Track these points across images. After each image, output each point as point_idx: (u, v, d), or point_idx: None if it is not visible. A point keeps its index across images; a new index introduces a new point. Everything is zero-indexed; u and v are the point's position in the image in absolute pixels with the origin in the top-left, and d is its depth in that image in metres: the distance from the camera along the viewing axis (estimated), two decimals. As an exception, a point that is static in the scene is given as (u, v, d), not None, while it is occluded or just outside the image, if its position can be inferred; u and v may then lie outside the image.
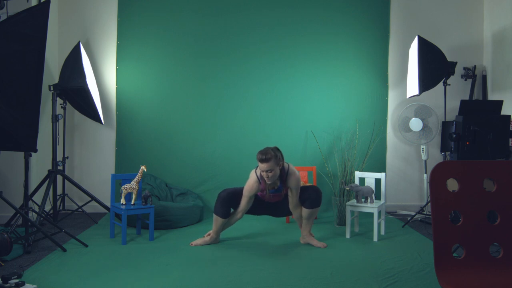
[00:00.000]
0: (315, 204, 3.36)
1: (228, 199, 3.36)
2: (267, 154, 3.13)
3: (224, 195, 3.37)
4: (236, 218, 3.45)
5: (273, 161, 3.15)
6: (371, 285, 2.59)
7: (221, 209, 3.36)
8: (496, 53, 4.68)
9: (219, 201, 3.37)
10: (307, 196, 3.37)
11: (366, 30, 4.85)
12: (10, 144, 2.99)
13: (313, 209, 3.36)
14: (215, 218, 3.40)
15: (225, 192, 3.39)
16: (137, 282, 2.61)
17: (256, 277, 2.70)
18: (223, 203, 3.35)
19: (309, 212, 3.37)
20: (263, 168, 3.14)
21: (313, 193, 3.37)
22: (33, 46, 2.86)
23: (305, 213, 3.39)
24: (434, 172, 1.77)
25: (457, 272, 1.72)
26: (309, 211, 3.36)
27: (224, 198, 3.35)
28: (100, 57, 4.75)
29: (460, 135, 3.77)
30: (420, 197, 4.89)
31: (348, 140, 4.75)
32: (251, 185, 3.30)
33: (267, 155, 3.13)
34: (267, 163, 3.13)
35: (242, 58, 4.78)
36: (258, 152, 3.19)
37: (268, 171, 3.15)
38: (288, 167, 3.31)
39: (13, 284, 2.34)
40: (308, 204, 3.35)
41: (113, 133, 4.77)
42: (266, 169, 3.14)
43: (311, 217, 3.41)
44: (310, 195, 3.36)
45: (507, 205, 1.78)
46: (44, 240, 3.37)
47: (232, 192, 3.39)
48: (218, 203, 3.37)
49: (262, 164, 3.14)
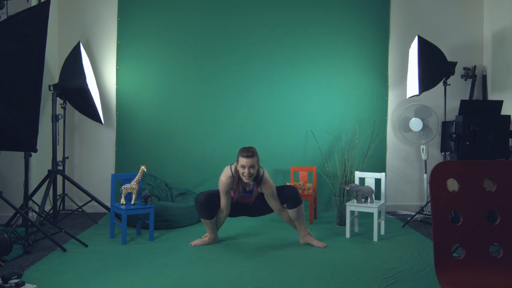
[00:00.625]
0: (297, 203, 3.37)
1: (206, 201, 3.34)
2: (252, 151, 3.19)
3: (201, 198, 3.35)
4: (223, 215, 3.44)
5: (256, 158, 3.21)
6: (371, 285, 2.59)
7: (203, 212, 3.35)
8: (496, 53, 4.68)
9: (198, 205, 3.36)
10: (286, 197, 3.38)
11: (366, 30, 4.85)
12: (10, 144, 2.99)
13: (296, 207, 3.37)
14: (203, 221, 3.41)
15: (201, 195, 3.37)
16: (137, 282, 2.61)
17: (256, 277, 2.70)
18: (202, 206, 3.34)
19: (295, 211, 3.38)
20: (246, 163, 3.15)
21: (290, 192, 3.37)
22: (33, 46, 2.86)
23: (292, 214, 3.39)
24: (434, 172, 1.77)
25: (457, 272, 1.72)
26: (294, 210, 3.37)
27: (202, 201, 3.34)
28: (100, 57, 4.75)
29: (460, 135, 3.77)
30: (420, 197, 4.89)
31: (348, 140, 4.75)
32: (224, 180, 3.27)
33: (251, 151, 3.19)
34: (251, 158, 3.16)
35: (242, 58, 4.78)
36: (242, 149, 3.22)
37: (250, 168, 3.16)
38: (264, 172, 3.31)
39: (13, 284, 2.34)
40: (291, 204, 3.36)
41: (113, 133, 4.77)
42: (249, 165, 3.15)
43: (299, 216, 3.41)
44: (288, 196, 3.37)
45: (507, 205, 1.78)
46: (44, 240, 3.37)
47: (208, 194, 3.38)
48: (198, 207, 3.36)
49: (246, 159, 3.15)
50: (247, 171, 3.16)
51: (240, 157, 3.19)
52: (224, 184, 3.28)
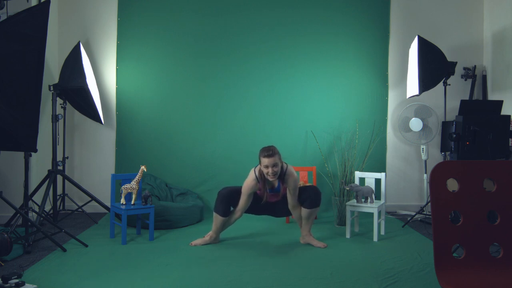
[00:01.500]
0: (315, 204, 3.36)
1: (228, 196, 3.37)
2: (272, 150, 3.21)
3: (224, 193, 3.38)
4: (235, 217, 3.45)
5: (277, 156, 3.22)
6: (371, 285, 2.59)
7: (221, 206, 3.36)
8: (496, 53, 4.68)
9: (219, 199, 3.38)
10: (307, 196, 3.37)
11: (366, 30, 4.85)
12: (10, 144, 2.99)
13: (313, 209, 3.37)
14: (215, 217, 3.40)
15: (225, 190, 3.40)
16: (137, 282, 2.61)
17: (256, 277, 2.70)
18: (223, 200, 3.36)
19: (309, 212, 3.37)
20: (269, 163, 3.16)
21: (312, 193, 3.37)
22: (33, 46, 2.86)
23: (305, 213, 3.39)
24: (434, 172, 1.77)
25: (457, 272, 1.72)
26: (309, 211, 3.37)
27: (224, 195, 3.36)
28: (100, 57, 4.75)
29: (460, 135, 3.77)
30: (420, 197, 4.89)
31: (348, 140, 4.75)
32: (249, 183, 3.31)
33: (272, 150, 3.20)
34: (272, 157, 3.17)
35: (242, 58, 4.78)
36: (262, 149, 3.24)
37: (273, 166, 3.17)
38: (287, 167, 3.33)
39: (13, 284, 2.34)
40: (308, 204, 3.36)
41: (113, 133, 4.77)
42: (272, 164, 3.16)
43: (310, 217, 3.41)
44: (310, 195, 3.36)
45: (507, 205, 1.78)
46: (44, 240, 3.37)
47: (232, 190, 3.40)
48: (219, 201, 3.38)
49: (267, 159, 3.16)
50: (271, 170, 3.18)
51: (261, 158, 3.21)
52: (249, 186, 3.30)
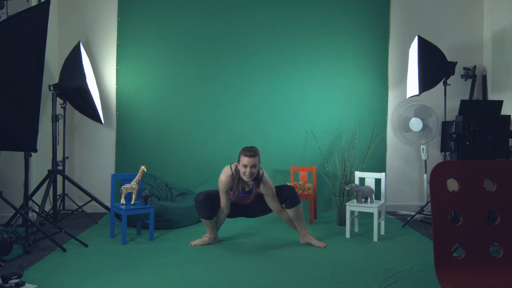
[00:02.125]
0: (295, 202, 3.37)
1: (206, 199, 3.33)
2: (254, 150, 3.21)
3: (201, 198, 3.34)
4: (223, 215, 3.43)
5: (258, 158, 3.21)
6: (371, 285, 2.59)
7: (203, 211, 3.34)
8: (496, 53, 4.68)
9: (197, 205, 3.35)
10: (284, 197, 3.38)
11: (366, 30, 4.85)
12: (10, 144, 2.99)
13: (295, 207, 3.37)
14: (203, 221, 3.40)
15: (201, 195, 3.36)
16: (137, 282, 2.61)
17: (256, 277, 2.70)
18: (202, 205, 3.33)
19: (294, 211, 3.37)
20: (249, 163, 3.15)
21: (288, 192, 3.37)
22: (33, 46, 2.86)
23: (291, 213, 3.39)
24: (434, 172, 1.77)
25: (457, 272, 1.72)
26: (293, 210, 3.37)
27: (202, 200, 3.33)
28: (100, 57, 4.75)
29: (460, 135, 3.77)
30: (420, 197, 4.89)
31: (348, 140, 4.75)
32: (224, 179, 3.26)
33: (254, 151, 3.20)
34: (253, 157, 3.16)
35: (242, 58, 4.78)
36: (244, 148, 3.23)
37: (252, 167, 3.16)
38: (263, 173, 3.31)
39: (13, 284, 2.34)
40: (289, 203, 3.36)
41: (113, 133, 4.77)
42: (251, 164, 3.15)
43: (298, 216, 3.40)
44: (287, 195, 3.37)
45: (507, 205, 1.78)
46: (44, 240, 3.37)
47: (208, 193, 3.37)
48: (198, 207, 3.35)
49: (248, 159, 3.15)
50: (248, 170, 3.16)
51: (242, 156, 3.19)
52: (224, 183, 3.27)
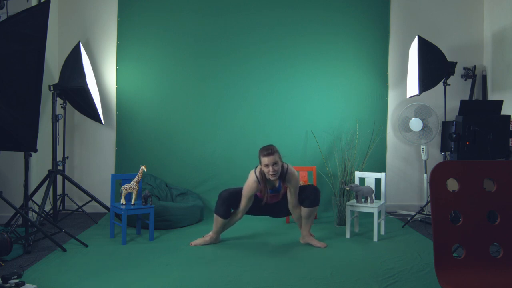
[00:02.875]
0: (314, 203, 3.37)
1: (229, 199, 3.37)
2: (271, 148, 3.21)
3: (225, 195, 3.37)
4: (236, 218, 3.46)
5: (277, 154, 3.22)
6: (371, 285, 2.59)
7: (222, 208, 3.36)
8: (496, 53, 4.68)
9: (220, 201, 3.37)
10: (306, 195, 3.37)
11: (366, 30, 4.85)
12: (10, 144, 2.99)
13: (312, 208, 3.37)
14: (216, 218, 3.40)
15: (226, 192, 3.39)
16: (137, 282, 2.61)
17: (256, 277, 2.70)
18: (224, 203, 3.35)
19: (308, 211, 3.37)
20: (269, 161, 3.15)
21: (312, 192, 3.38)
22: (33, 46, 2.86)
23: (304, 212, 3.39)
24: (434, 172, 1.77)
25: (457, 272, 1.72)
26: (308, 210, 3.37)
27: (226, 197, 3.36)
28: (100, 57, 4.75)
29: (460, 135, 3.77)
30: (420, 197, 4.89)
31: (348, 140, 4.75)
32: (250, 185, 3.30)
33: (271, 149, 3.20)
34: (272, 155, 3.17)
35: (242, 58, 4.78)
36: (261, 148, 3.24)
37: (273, 165, 3.17)
38: (288, 167, 3.33)
39: (13, 284, 2.34)
40: (308, 203, 3.36)
41: (113, 133, 4.77)
42: (272, 162, 3.16)
43: (310, 216, 3.41)
44: (309, 194, 3.37)
45: (507, 205, 1.78)
46: (44, 240, 3.37)
47: (233, 192, 3.40)
48: (219, 203, 3.37)
49: (267, 158, 3.16)
50: (271, 169, 3.17)
51: (261, 157, 3.20)
52: (250, 188, 3.30)
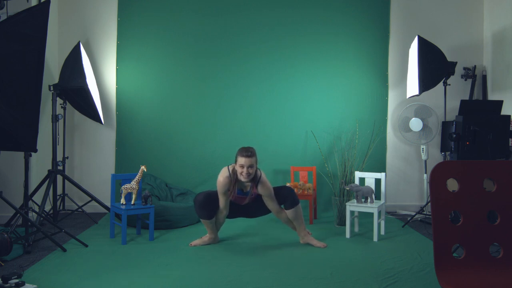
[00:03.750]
0: (294, 203, 3.36)
1: (205, 201, 3.33)
2: (251, 151, 3.20)
3: (200, 199, 3.34)
4: (222, 215, 3.43)
5: (255, 158, 3.21)
6: (371, 285, 2.59)
7: (203, 212, 3.34)
8: (496, 53, 4.68)
9: (197, 206, 3.35)
10: (284, 198, 3.38)
11: (366, 30, 4.85)
12: (10, 144, 2.99)
13: (294, 207, 3.37)
14: (203, 221, 3.40)
15: (201, 195, 3.36)
16: (137, 282, 2.61)
17: (256, 277, 2.70)
18: (201, 207, 3.33)
19: (293, 212, 3.37)
20: (246, 163, 3.14)
21: (287, 193, 3.38)
22: (33, 46, 2.86)
23: (290, 214, 3.39)
24: (434, 172, 1.77)
25: (457, 272, 1.72)
26: (292, 211, 3.37)
27: (201, 201, 3.33)
28: (100, 57, 4.75)
29: (460, 135, 3.77)
30: (420, 197, 4.89)
31: (348, 140, 4.75)
32: (222, 180, 3.26)
33: (251, 151, 3.19)
34: (250, 158, 3.16)
35: (242, 58, 4.78)
36: (241, 148, 3.23)
37: (249, 167, 3.15)
38: (261, 174, 3.31)
39: (13, 284, 2.34)
40: (289, 204, 3.36)
41: (113, 133, 4.77)
42: (248, 164, 3.15)
43: (297, 216, 3.40)
44: (286, 196, 3.37)
45: (507, 205, 1.78)
46: (44, 240, 3.37)
47: (207, 194, 3.37)
48: (197, 208, 3.36)
49: (245, 159, 3.15)
50: (245, 170, 3.16)
51: (239, 157, 3.19)
52: (222, 184, 3.27)
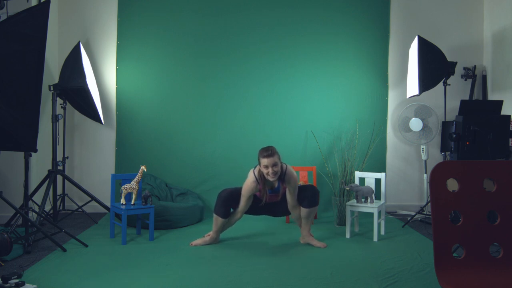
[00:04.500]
0: (313, 203, 3.37)
1: (229, 198, 3.37)
2: (271, 149, 3.21)
3: (224, 195, 3.37)
4: (235, 218, 3.46)
5: (277, 155, 3.21)
6: (371, 285, 2.59)
7: (221, 209, 3.36)
8: (496, 53, 4.68)
9: (219, 201, 3.37)
10: (305, 195, 3.38)
11: (366, 30, 4.85)
12: (10, 144, 2.99)
13: (311, 208, 3.37)
14: (215, 218, 3.40)
15: (225, 192, 3.39)
16: (137, 282, 2.61)
17: (256, 277, 2.70)
18: (223, 203, 3.35)
19: (308, 211, 3.38)
20: (269, 163, 3.15)
21: (310, 192, 3.38)
22: (33, 46, 2.86)
23: (304, 212, 3.39)
24: (434, 172, 1.77)
25: (457, 272, 1.72)
26: (308, 210, 3.37)
27: (225, 197, 3.36)
28: (100, 57, 4.75)
29: (460, 135, 3.77)
30: (420, 197, 4.89)
31: (348, 140, 4.75)
32: (249, 185, 3.30)
33: (271, 150, 3.20)
34: (272, 157, 3.16)
35: (242, 58, 4.78)
36: (261, 150, 3.23)
37: (273, 166, 3.16)
38: (287, 167, 3.33)
39: (13, 284, 2.34)
40: (307, 203, 3.36)
41: (113, 133, 4.77)
42: (272, 164, 3.15)
43: (309, 216, 3.41)
44: (308, 195, 3.37)
45: (507, 205, 1.78)
46: (44, 240, 3.37)
47: (232, 192, 3.40)
48: (219, 203, 3.37)
49: (267, 159, 3.15)
50: (271, 170, 3.17)
51: (261, 158, 3.20)
52: (249, 188, 3.29)
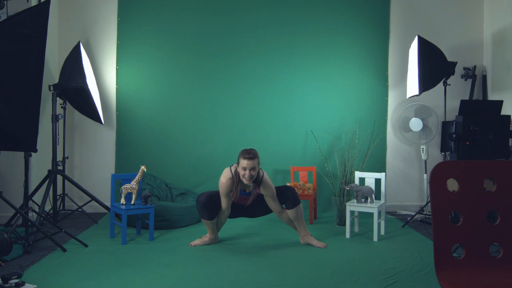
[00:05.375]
0: (295, 203, 3.38)
1: (208, 202, 3.33)
2: (253, 153, 3.19)
3: (202, 199, 3.34)
4: (224, 215, 3.43)
5: (257, 160, 3.20)
6: (371, 285, 2.59)
7: (205, 212, 3.34)
8: (496, 53, 4.68)
9: (199, 206, 3.35)
10: (286, 197, 3.39)
11: (366, 30, 4.85)
12: (10, 144, 2.99)
13: (295, 207, 3.38)
14: (204, 221, 3.40)
15: (203, 196, 3.36)
16: (137, 282, 2.61)
17: (255, 277, 2.70)
18: (203, 207, 3.33)
19: (294, 212, 3.38)
20: (248, 165, 3.13)
21: (290, 193, 3.39)
22: (33, 46, 2.86)
23: (291, 214, 3.40)
24: (434, 172, 1.77)
25: (457, 272, 1.72)
26: (293, 211, 3.38)
27: (203, 202, 3.33)
28: (100, 57, 4.75)
29: (460, 135, 3.77)
30: (420, 197, 4.89)
31: (348, 140, 4.75)
32: (225, 182, 3.25)
33: (253, 153, 3.18)
34: (252, 160, 3.14)
35: (242, 58, 4.78)
36: (243, 150, 3.21)
37: (251, 169, 3.15)
38: (263, 174, 3.30)
39: (13, 284, 2.35)
40: (290, 204, 3.37)
41: (113, 133, 4.77)
42: (251, 167, 3.14)
43: (298, 216, 3.41)
44: (289, 196, 3.38)
45: (507, 205, 1.78)
46: (44, 240, 3.37)
47: (209, 195, 3.37)
48: (199, 209, 3.35)
49: (247, 161, 3.13)
50: (248, 173, 3.15)
51: (241, 159, 3.18)
52: (224, 185, 3.26)
